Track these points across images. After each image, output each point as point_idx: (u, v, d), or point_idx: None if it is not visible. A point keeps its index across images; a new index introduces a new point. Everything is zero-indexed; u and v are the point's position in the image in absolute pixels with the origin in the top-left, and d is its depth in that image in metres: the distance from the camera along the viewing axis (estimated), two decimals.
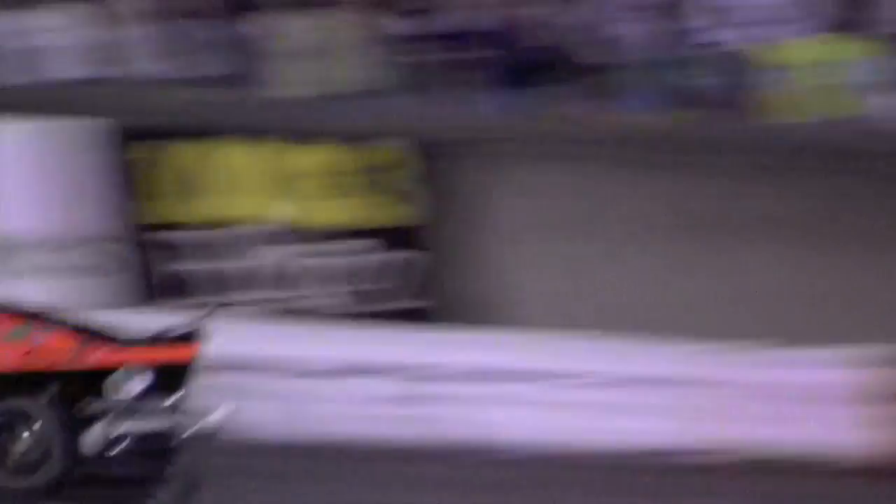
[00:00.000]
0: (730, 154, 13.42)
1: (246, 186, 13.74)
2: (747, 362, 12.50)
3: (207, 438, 8.91)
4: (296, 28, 14.56)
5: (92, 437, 8.64)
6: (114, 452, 8.64)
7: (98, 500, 8.74)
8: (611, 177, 13.45)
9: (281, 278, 13.74)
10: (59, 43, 14.12)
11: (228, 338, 9.45)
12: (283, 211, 13.75)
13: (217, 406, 9.01)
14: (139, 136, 13.74)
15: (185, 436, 8.74)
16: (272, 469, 9.84)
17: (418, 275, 13.85)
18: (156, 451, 8.75)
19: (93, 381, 8.67)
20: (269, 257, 13.74)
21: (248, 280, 13.69)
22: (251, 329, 12.40)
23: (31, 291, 11.68)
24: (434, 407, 12.23)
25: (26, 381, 8.60)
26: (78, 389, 8.66)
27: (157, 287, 13.59)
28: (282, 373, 12.39)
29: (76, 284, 13.22)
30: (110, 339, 8.84)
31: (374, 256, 13.84)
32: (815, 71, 14.20)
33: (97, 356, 8.67)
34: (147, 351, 8.79)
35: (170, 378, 8.73)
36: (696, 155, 13.37)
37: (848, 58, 14.18)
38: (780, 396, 12.17)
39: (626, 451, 12.13)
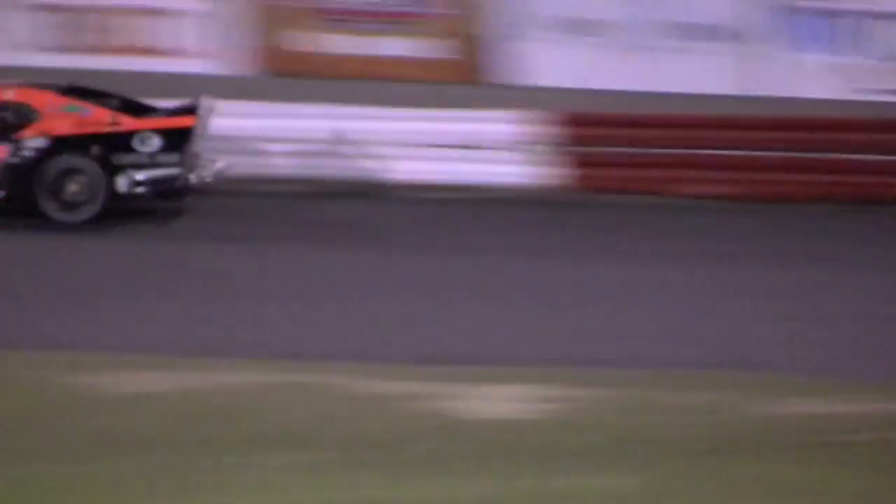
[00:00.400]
0: None
1: None
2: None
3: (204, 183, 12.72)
4: None
5: (122, 182, 12.40)
6: (137, 192, 12.42)
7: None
8: None
9: None
10: None
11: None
12: None
13: (212, 161, 12.83)
14: None
15: (187, 181, 12.54)
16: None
17: None
18: (166, 191, 12.56)
19: (123, 141, 12.41)
20: None
21: None
22: None
23: None
24: None
25: (77, 143, 12.34)
26: (113, 148, 12.41)
27: None
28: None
29: None
30: (135, 110, 12.61)
31: None
32: None
33: (126, 124, 12.42)
34: (161, 120, 12.54)
35: (178, 139, 12.47)
36: None
37: None
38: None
39: None
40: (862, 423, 7.56)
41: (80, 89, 12.87)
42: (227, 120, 13.11)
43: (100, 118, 12.46)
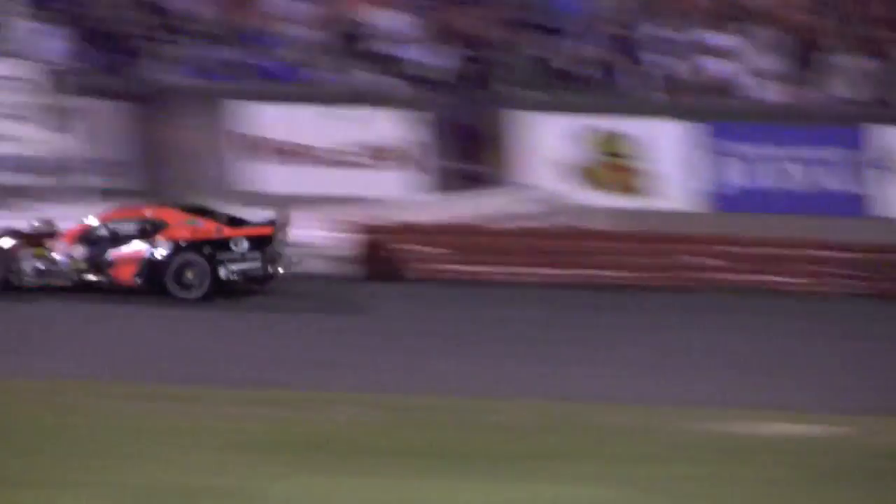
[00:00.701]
0: None
1: None
2: None
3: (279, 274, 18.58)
4: None
5: (222, 272, 18.22)
6: (232, 279, 18.24)
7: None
8: None
9: None
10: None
11: None
12: None
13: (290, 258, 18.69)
14: None
15: (269, 272, 18.37)
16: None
17: None
18: (254, 279, 18.40)
19: (224, 244, 18.28)
20: None
21: None
22: None
23: None
24: None
25: (193, 245, 18.23)
26: (217, 248, 18.27)
27: None
28: None
29: None
30: (233, 223, 18.52)
31: None
32: None
33: (225, 232, 18.31)
34: (249, 230, 18.41)
35: (261, 243, 18.31)
36: None
37: None
38: None
39: None
40: None
41: (197, 208, 18.80)
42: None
43: (208, 228, 18.37)
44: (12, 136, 20.02)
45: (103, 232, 18.35)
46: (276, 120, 22.40)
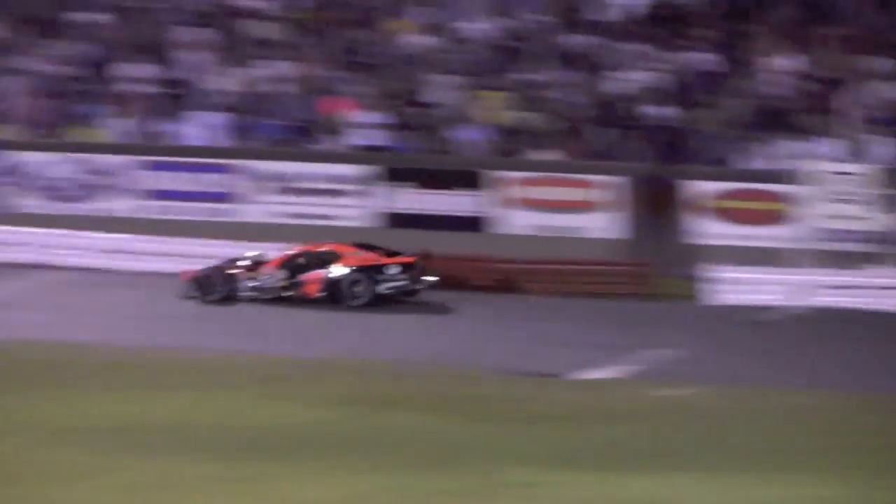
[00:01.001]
0: None
1: None
2: None
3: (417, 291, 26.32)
4: None
5: (380, 288, 26.02)
6: (387, 293, 26.03)
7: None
8: None
9: None
10: None
11: None
12: None
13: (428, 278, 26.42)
14: None
15: (412, 288, 26.18)
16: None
17: None
18: (400, 293, 26.20)
19: (381, 268, 26.14)
20: None
21: None
22: None
23: None
24: None
25: (359, 269, 26.12)
26: (376, 271, 26.09)
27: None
28: None
29: None
30: (389, 254, 26.36)
31: None
32: None
33: (381, 260, 26.18)
34: (399, 259, 26.25)
35: (408, 267, 26.14)
36: None
37: None
38: None
39: None
40: None
41: (364, 244, 26.70)
42: None
43: (371, 257, 26.19)
44: (846, 215, 27.81)
45: (299, 260, 26.36)
46: None
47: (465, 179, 29.57)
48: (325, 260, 26.35)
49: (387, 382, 20.16)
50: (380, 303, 25.96)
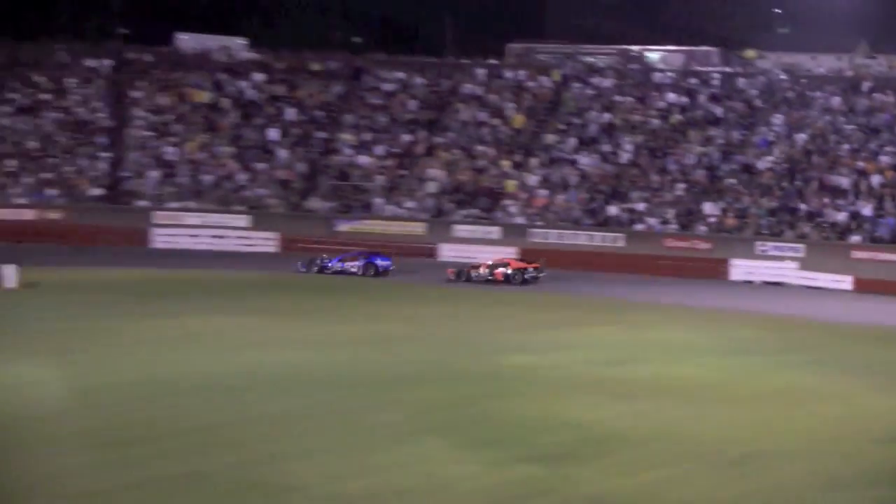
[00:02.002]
0: None
1: None
2: None
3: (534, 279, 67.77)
4: None
5: (526, 276, 67.36)
6: (528, 279, 67.40)
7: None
8: None
9: None
10: None
11: None
12: None
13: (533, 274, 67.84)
14: None
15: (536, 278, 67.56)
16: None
17: None
18: (526, 281, 67.73)
19: (524, 270, 67.58)
20: None
21: None
22: None
23: None
24: None
25: (517, 270, 67.39)
26: (521, 270, 67.39)
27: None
28: None
29: None
30: (528, 261, 68.24)
31: None
32: None
33: (523, 265, 67.65)
34: (528, 264, 67.91)
35: (536, 269, 67.77)
36: None
37: None
38: None
39: None
40: None
41: (521, 258, 68.47)
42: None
43: (518, 264, 67.65)
44: None
45: (496, 265, 67.20)
46: None
47: None
48: (503, 264, 67.21)
49: None
50: (525, 284, 66.15)
